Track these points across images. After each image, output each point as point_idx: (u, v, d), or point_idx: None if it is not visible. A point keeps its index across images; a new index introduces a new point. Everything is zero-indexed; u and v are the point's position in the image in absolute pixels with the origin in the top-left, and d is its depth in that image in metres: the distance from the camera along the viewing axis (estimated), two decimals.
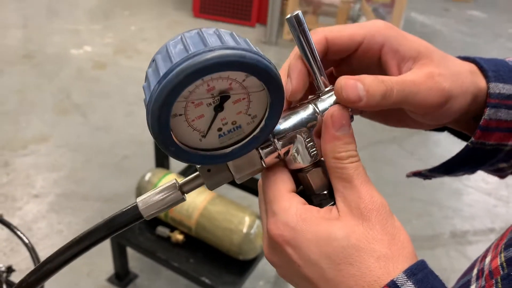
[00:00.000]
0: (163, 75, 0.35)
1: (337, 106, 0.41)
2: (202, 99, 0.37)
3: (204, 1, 4.83)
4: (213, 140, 0.41)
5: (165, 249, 1.76)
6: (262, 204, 0.44)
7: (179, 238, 1.74)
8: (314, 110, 0.42)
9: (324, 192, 0.43)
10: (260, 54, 0.37)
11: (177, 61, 0.35)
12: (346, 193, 0.39)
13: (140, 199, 0.45)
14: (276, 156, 0.43)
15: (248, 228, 1.64)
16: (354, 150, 0.41)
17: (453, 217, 2.59)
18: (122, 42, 4.24)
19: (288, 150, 0.43)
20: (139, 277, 2.09)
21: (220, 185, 0.45)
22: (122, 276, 2.03)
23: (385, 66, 0.45)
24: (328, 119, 0.41)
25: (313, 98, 0.44)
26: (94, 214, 2.37)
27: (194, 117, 0.38)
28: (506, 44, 5.01)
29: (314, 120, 0.42)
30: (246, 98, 0.39)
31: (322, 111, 0.42)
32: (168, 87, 0.34)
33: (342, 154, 0.40)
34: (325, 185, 0.43)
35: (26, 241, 0.97)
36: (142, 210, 0.44)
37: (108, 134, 3.01)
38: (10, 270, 1.25)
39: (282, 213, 0.40)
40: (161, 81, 0.35)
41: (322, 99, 0.43)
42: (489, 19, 5.59)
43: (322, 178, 0.43)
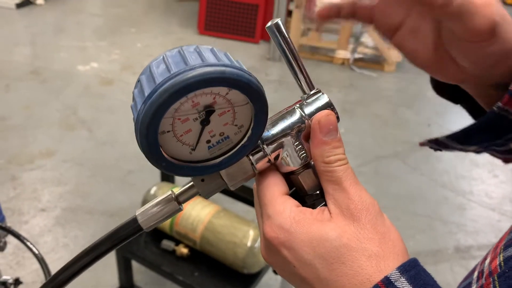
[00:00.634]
0: (148, 96, 0.36)
1: (324, 112, 0.43)
2: (188, 115, 0.39)
3: (208, 18, 4.90)
4: (203, 152, 0.42)
5: (170, 262, 1.76)
6: (257, 207, 0.46)
7: (184, 251, 1.76)
8: (301, 115, 0.44)
9: (316, 192, 0.45)
10: (241, 68, 0.38)
11: (160, 81, 0.36)
12: (336, 195, 0.41)
13: (139, 212, 0.46)
14: (266, 161, 0.44)
15: (252, 241, 1.65)
16: (342, 153, 0.42)
17: (456, 232, 2.58)
18: (128, 59, 4.30)
19: (278, 155, 0.44)
20: None
21: (214, 193, 0.46)
22: None
23: None
24: (316, 125, 0.42)
25: (298, 102, 0.45)
26: (100, 228, 2.39)
27: (182, 132, 0.40)
28: None
29: (302, 124, 0.44)
30: (231, 110, 0.40)
31: (309, 115, 0.44)
32: (153, 107, 0.36)
33: (331, 158, 0.41)
34: (316, 185, 0.45)
35: (36, 251, 0.99)
36: (141, 223, 0.46)
37: (113, 149, 3.04)
38: (17, 282, 1.27)
39: (277, 216, 0.41)
40: (146, 101, 0.36)
41: (308, 103, 0.44)
42: None
43: (313, 179, 0.45)
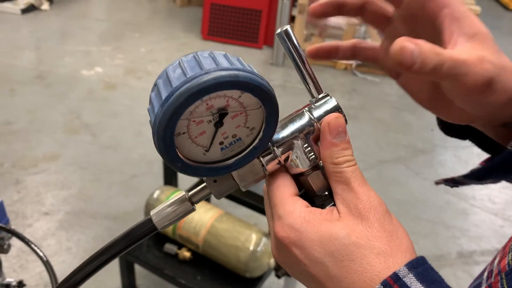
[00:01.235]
0: (165, 99, 0.38)
1: (333, 115, 0.44)
2: (203, 117, 0.40)
3: (212, 24, 4.93)
4: (216, 153, 0.44)
5: (172, 266, 1.77)
6: (268, 208, 0.47)
7: (187, 255, 1.76)
8: (310, 118, 0.45)
9: (325, 193, 0.46)
10: (252, 72, 0.40)
11: (176, 85, 0.38)
12: (345, 195, 0.42)
13: (153, 212, 0.48)
14: (277, 162, 0.45)
15: (254, 245, 1.65)
16: (351, 155, 0.43)
17: (460, 237, 2.58)
18: (132, 63, 4.33)
19: (288, 156, 0.45)
20: None
21: (227, 193, 0.47)
22: None
23: (440, 26, 0.45)
24: (325, 127, 0.44)
25: (307, 105, 0.47)
26: (103, 232, 2.39)
27: (197, 134, 0.41)
28: None
29: (310, 126, 0.45)
30: (243, 113, 0.42)
31: (317, 118, 0.45)
32: (170, 110, 0.38)
33: (340, 159, 0.43)
34: (325, 186, 0.46)
35: (41, 254, 0.99)
36: (156, 223, 0.47)
37: (117, 153, 3.06)
38: (21, 284, 1.27)
39: (287, 216, 0.42)
40: (163, 104, 0.38)
41: (316, 106, 0.46)
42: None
43: (322, 180, 0.46)
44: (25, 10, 5.28)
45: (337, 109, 0.46)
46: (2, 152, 2.96)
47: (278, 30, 0.45)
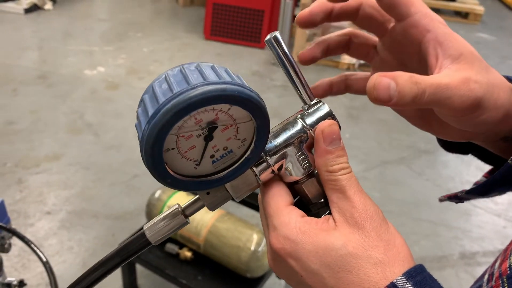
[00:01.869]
0: (151, 116, 0.37)
1: (327, 122, 0.43)
2: (192, 132, 0.39)
3: (214, 24, 4.93)
4: (207, 166, 0.43)
5: (173, 266, 1.77)
6: (263, 218, 0.47)
7: (188, 255, 1.76)
8: (303, 125, 0.44)
9: (320, 200, 0.46)
10: (241, 85, 0.39)
11: (163, 101, 0.37)
12: (341, 203, 0.41)
13: (146, 227, 0.47)
14: (270, 172, 0.45)
15: (256, 245, 1.65)
16: (346, 162, 0.43)
17: (462, 238, 2.57)
18: (134, 63, 4.33)
19: (281, 165, 0.45)
20: None
21: (220, 205, 0.47)
22: None
23: (424, 52, 0.45)
24: (319, 135, 0.43)
25: (299, 112, 0.46)
26: (104, 231, 2.40)
27: (186, 148, 0.40)
28: None
29: (304, 134, 0.44)
30: (233, 125, 0.41)
31: (310, 125, 0.44)
32: (157, 127, 0.37)
33: (334, 167, 0.42)
34: (320, 194, 0.45)
35: (44, 259, 0.99)
36: (150, 237, 0.47)
37: (119, 153, 3.06)
38: (21, 284, 1.27)
39: (282, 227, 0.42)
40: (150, 121, 0.37)
41: (309, 113, 0.45)
42: (497, 42, 5.62)
43: (317, 187, 0.45)
44: (28, 10, 5.30)
45: (329, 115, 0.45)
46: (5, 151, 2.97)
47: (268, 37, 0.44)
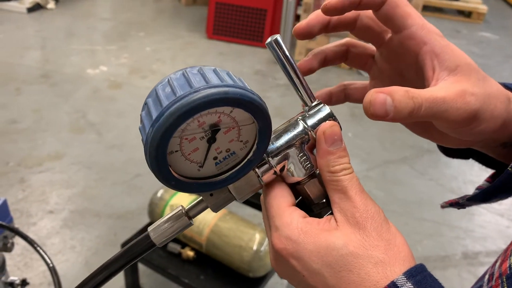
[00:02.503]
0: (155, 119, 0.38)
1: (328, 123, 0.44)
2: (195, 134, 0.40)
3: (217, 23, 4.93)
4: (210, 168, 0.43)
5: (176, 265, 1.77)
6: (265, 219, 0.47)
7: (190, 254, 1.76)
8: (304, 126, 0.45)
9: (322, 201, 0.46)
10: (243, 87, 0.39)
11: (166, 104, 0.37)
12: (342, 204, 0.42)
13: (151, 229, 0.48)
14: (272, 173, 0.45)
15: (258, 245, 1.65)
16: (348, 163, 0.43)
17: (464, 237, 2.56)
18: (137, 63, 4.33)
19: (283, 166, 0.45)
20: None
21: (223, 206, 0.47)
22: None
23: (421, 63, 0.46)
24: (320, 136, 0.43)
25: (301, 113, 0.47)
26: (106, 231, 2.40)
27: (190, 151, 0.41)
28: None
29: (305, 135, 0.45)
30: (236, 127, 0.42)
31: (312, 127, 0.45)
32: (161, 130, 0.37)
33: (336, 168, 0.42)
34: (322, 194, 0.46)
35: (48, 261, 0.99)
36: (154, 239, 0.47)
37: (121, 152, 3.06)
38: (24, 283, 1.28)
39: (284, 228, 0.42)
40: (154, 124, 0.38)
41: (310, 115, 0.46)
42: (500, 41, 5.61)
43: (319, 188, 0.46)
44: (31, 9, 5.31)
45: (330, 116, 0.45)
46: (8, 151, 2.98)
47: (268, 40, 0.45)
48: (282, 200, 0.45)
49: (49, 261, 1.00)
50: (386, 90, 0.39)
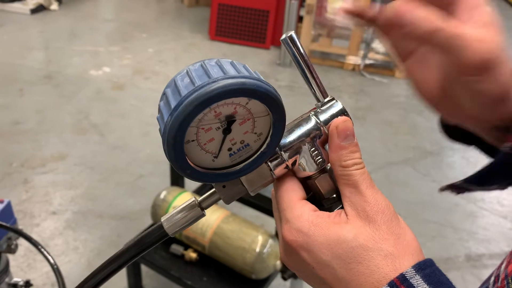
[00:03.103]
0: (174, 108, 0.39)
1: (341, 118, 0.45)
2: (211, 124, 0.41)
3: (219, 24, 4.93)
4: (224, 159, 0.44)
5: (178, 267, 1.77)
6: (276, 212, 0.48)
7: (193, 256, 1.76)
8: (316, 122, 0.46)
9: (333, 196, 0.46)
10: (259, 79, 0.40)
11: (185, 93, 0.38)
12: (353, 197, 0.42)
13: (164, 218, 0.48)
14: (284, 167, 0.46)
15: (261, 247, 1.64)
16: (359, 158, 0.44)
17: (468, 240, 2.56)
18: (140, 64, 4.34)
19: (295, 160, 0.46)
20: None
21: (235, 198, 0.48)
22: None
23: (453, 14, 0.45)
24: (333, 130, 0.44)
25: (313, 109, 0.47)
26: (110, 231, 2.40)
27: (206, 141, 0.42)
28: None
29: (317, 130, 0.45)
30: (250, 119, 0.43)
31: (324, 122, 0.45)
32: (179, 118, 0.38)
33: (348, 162, 0.43)
34: (333, 189, 0.46)
35: (52, 261, 0.99)
36: (167, 229, 0.48)
37: (124, 153, 3.07)
38: (28, 284, 1.28)
39: (295, 220, 0.43)
40: (172, 113, 0.39)
41: (322, 110, 0.46)
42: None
43: (329, 183, 0.46)
44: (34, 10, 5.32)
45: (342, 112, 0.46)
46: (11, 151, 2.99)
47: (283, 36, 0.46)
48: (293, 193, 0.45)
49: (53, 262, 1.00)
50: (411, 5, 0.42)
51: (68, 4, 5.74)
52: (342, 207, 0.43)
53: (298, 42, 0.46)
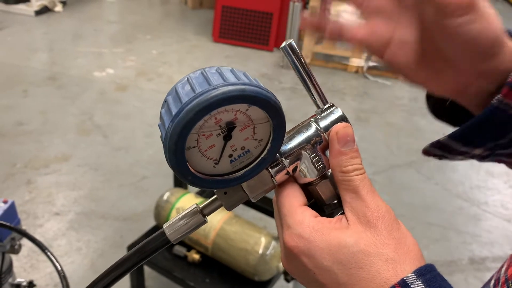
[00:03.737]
0: (175, 115, 0.39)
1: (341, 124, 0.45)
2: (212, 131, 0.42)
3: (223, 26, 4.94)
4: (225, 165, 0.45)
5: (181, 268, 1.77)
6: (277, 218, 0.48)
7: (196, 257, 1.76)
8: (316, 128, 0.46)
9: (334, 201, 0.47)
10: (259, 86, 0.41)
11: (186, 100, 0.39)
12: (354, 203, 0.42)
13: (166, 225, 0.49)
14: (285, 173, 0.46)
15: (264, 249, 1.64)
16: (360, 163, 0.44)
17: (471, 242, 2.55)
18: (143, 65, 4.35)
19: (296, 167, 0.46)
20: None
21: (237, 205, 0.48)
22: None
23: None
24: (334, 136, 0.44)
25: (313, 116, 0.48)
26: (113, 233, 2.40)
27: (206, 147, 0.43)
28: None
29: (317, 137, 0.46)
30: (251, 125, 0.43)
31: (324, 128, 0.46)
32: (180, 125, 0.39)
33: (348, 168, 0.43)
34: (334, 195, 0.47)
35: (58, 266, 0.99)
36: (169, 235, 0.48)
37: (128, 154, 3.07)
38: (31, 285, 1.28)
39: (296, 226, 0.43)
40: (173, 120, 0.39)
41: (323, 117, 0.47)
42: None
43: (330, 188, 0.47)
44: (38, 12, 5.35)
45: (342, 118, 0.46)
46: (15, 152, 3.00)
47: (283, 44, 0.46)
48: (294, 199, 0.45)
49: (57, 265, 1.00)
50: None
51: (72, 5, 5.76)
52: (343, 213, 0.43)
53: (298, 50, 0.46)
